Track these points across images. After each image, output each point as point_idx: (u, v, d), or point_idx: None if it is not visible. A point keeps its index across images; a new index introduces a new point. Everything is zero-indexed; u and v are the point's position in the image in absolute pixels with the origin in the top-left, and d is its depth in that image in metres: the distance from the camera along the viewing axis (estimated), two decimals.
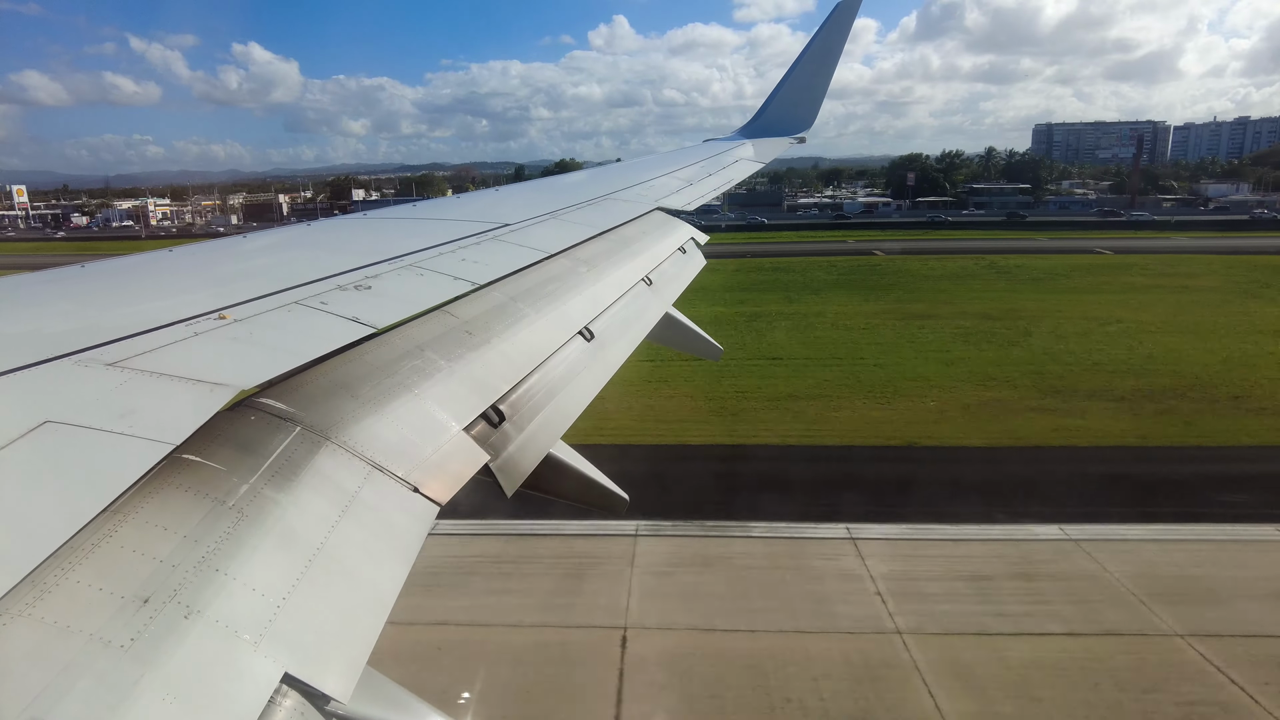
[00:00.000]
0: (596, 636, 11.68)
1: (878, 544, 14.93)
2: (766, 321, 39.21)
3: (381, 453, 2.10)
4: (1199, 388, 26.60)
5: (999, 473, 20.10)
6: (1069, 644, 11.77)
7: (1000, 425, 23.49)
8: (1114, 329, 36.00)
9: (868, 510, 16.57)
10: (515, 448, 2.64)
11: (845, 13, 11.89)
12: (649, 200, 6.48)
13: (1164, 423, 23.63)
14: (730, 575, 13.87)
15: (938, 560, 14.50)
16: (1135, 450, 21.65)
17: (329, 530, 1.75)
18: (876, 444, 22.23)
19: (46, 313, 2.70)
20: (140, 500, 1.54)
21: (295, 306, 2.68)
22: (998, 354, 31.94)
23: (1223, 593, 13.16)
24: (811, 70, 12.19)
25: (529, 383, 2.94)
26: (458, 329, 2.96)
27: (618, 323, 3.90)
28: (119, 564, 1.40)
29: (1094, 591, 13.26)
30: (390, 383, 2.43)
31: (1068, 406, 24.98)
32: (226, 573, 1.49)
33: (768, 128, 12.23)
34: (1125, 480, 19.35)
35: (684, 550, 14.75)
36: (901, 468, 20.75)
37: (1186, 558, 14.45)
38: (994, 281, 51.89)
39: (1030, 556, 14.51)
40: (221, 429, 1.84)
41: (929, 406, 25.32)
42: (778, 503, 17.30)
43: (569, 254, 4.31)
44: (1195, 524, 15.84)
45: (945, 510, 16.71)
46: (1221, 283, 49.36)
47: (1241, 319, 37.62)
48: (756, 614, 12.50)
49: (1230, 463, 20.63)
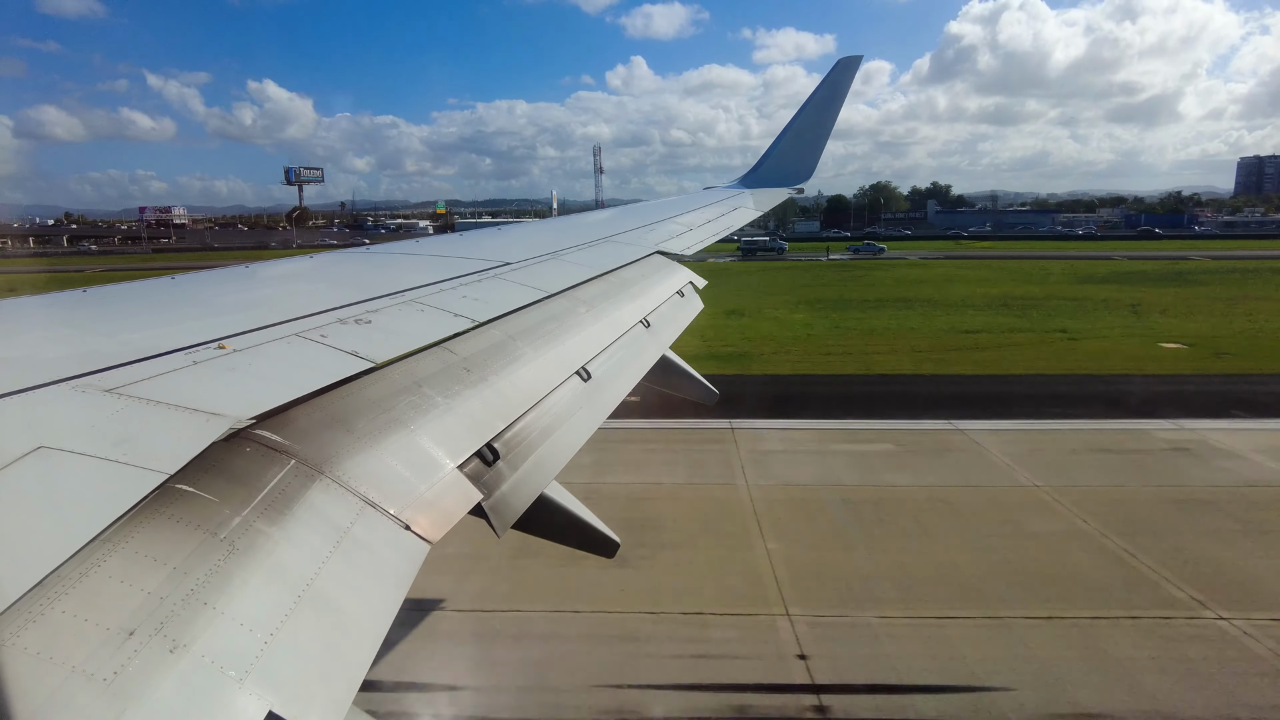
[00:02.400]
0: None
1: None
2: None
3: (375, 488, 2.09)
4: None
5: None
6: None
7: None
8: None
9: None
10: (508, 487, 2.62)
11: (846, 69, 12.20)
12: (649, 244, 6.56)
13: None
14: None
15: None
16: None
17: (319, 566, 1.74)
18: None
19: (47, 337, 2.70)
20: (131, 530, 1.53)
21: (295, 338, 2.69)
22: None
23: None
24: (812, 124, 12.45)
25: (525, 421, 2.93)
26: (456, 365, 2.96)
27: (615, 364, 3.92)
28: (106, 595, 1.38)
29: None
30: (386, 418, 2.42)
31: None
32: (215, 606, 1.47)
33: (768, 178, 12.44)
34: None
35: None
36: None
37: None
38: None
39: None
40: (216, 459, 1.83)
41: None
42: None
43: (569, 294, 4.35)
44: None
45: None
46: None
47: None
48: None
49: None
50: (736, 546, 12.61)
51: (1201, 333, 33.57)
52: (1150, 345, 31.08)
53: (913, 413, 20.62)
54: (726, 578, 11.54)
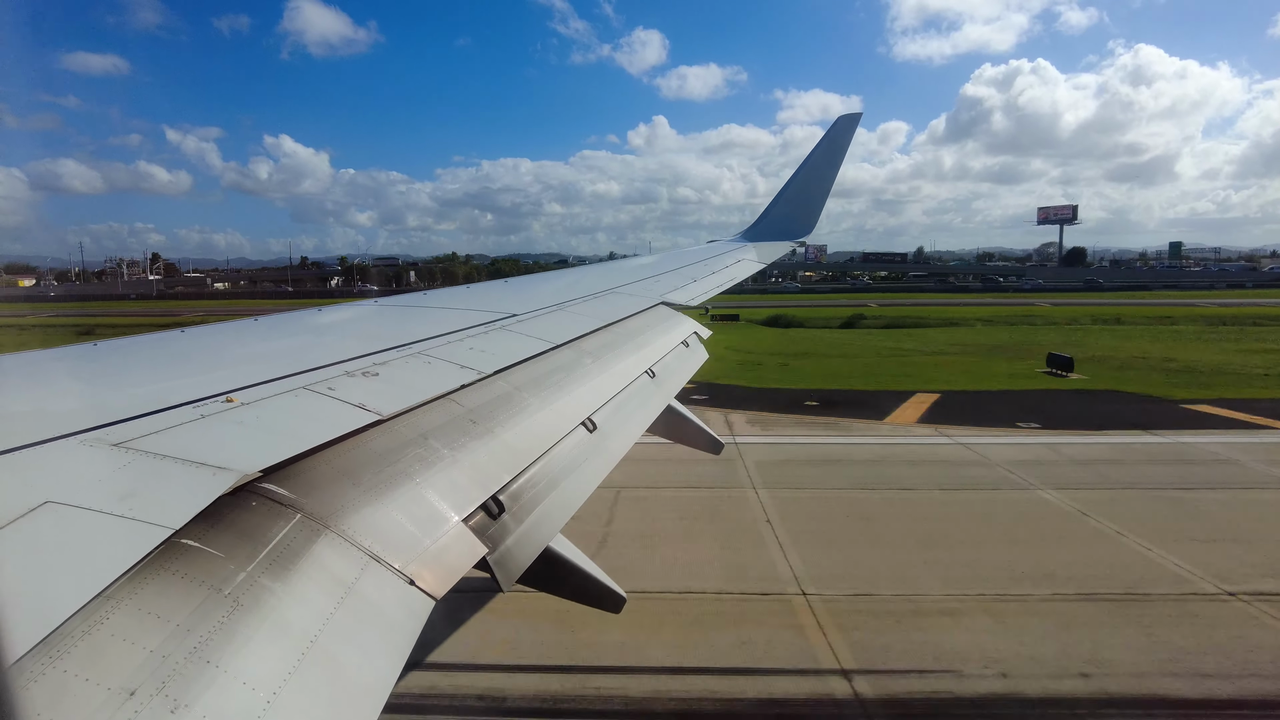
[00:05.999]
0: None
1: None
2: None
3: (380, 543, 2.07)
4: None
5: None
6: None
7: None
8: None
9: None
10: (514, 540, 2.60)
11: (846, 126, 12.49)
12: (654, 295, 6.63)
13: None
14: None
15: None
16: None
17: (324, 622, 1.71)
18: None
19: (56, 390, 2.72)
20: (135, 586, 1.51)
21: (303, 391, 2.70)
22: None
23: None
24: (813, 179, 12.69)
25: (530, 473, 2.92)
26: (462, 417, 2.96)
27: (621, 414, 3.92)
28: (108, 653, 1.37)
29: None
30: (392, 471, 2.42)
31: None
32: (218, 664, 1.45)
33: (769, 232, 12.63)
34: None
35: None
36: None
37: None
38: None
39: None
40: (222, 514, 1.82)
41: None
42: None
43: (574, 345, 4.38)
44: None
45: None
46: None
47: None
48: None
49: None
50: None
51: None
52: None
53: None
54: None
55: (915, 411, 25.06)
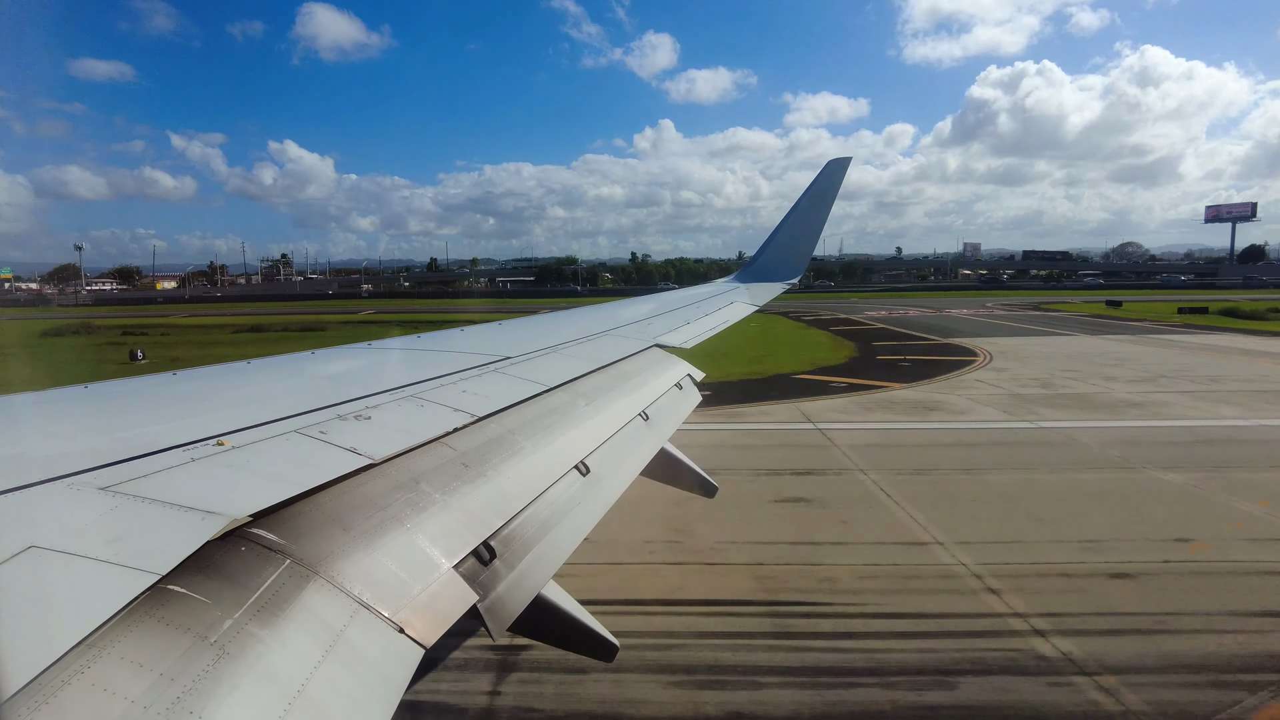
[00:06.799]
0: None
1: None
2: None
3: (370, 589, 2.04)
4: None
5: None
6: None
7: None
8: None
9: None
10: (505, 587, 2.56)
11: (835, 171, 12.72)
12: (648, 337, 6.65)
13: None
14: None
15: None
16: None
17: (312, 671, 1.67)
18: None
19: (43, 433, 2.69)
20: (119, 633, 1.48)
21: (295, 435, 2.68)
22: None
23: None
24: (803, 221, 12.87)
25: (522, 517, 2.89)
26: (454, 461, 2.94)
27: (614, 458, 3.89)
28: (87, 704, 1.33)
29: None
30: (382, 516, 2.39)
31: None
32: (201, 715, 1.41)
33: (763, 273, 12.77)
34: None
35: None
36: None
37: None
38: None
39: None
40: (210, 559, 1.79)
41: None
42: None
43: (568, 387, 4.37)
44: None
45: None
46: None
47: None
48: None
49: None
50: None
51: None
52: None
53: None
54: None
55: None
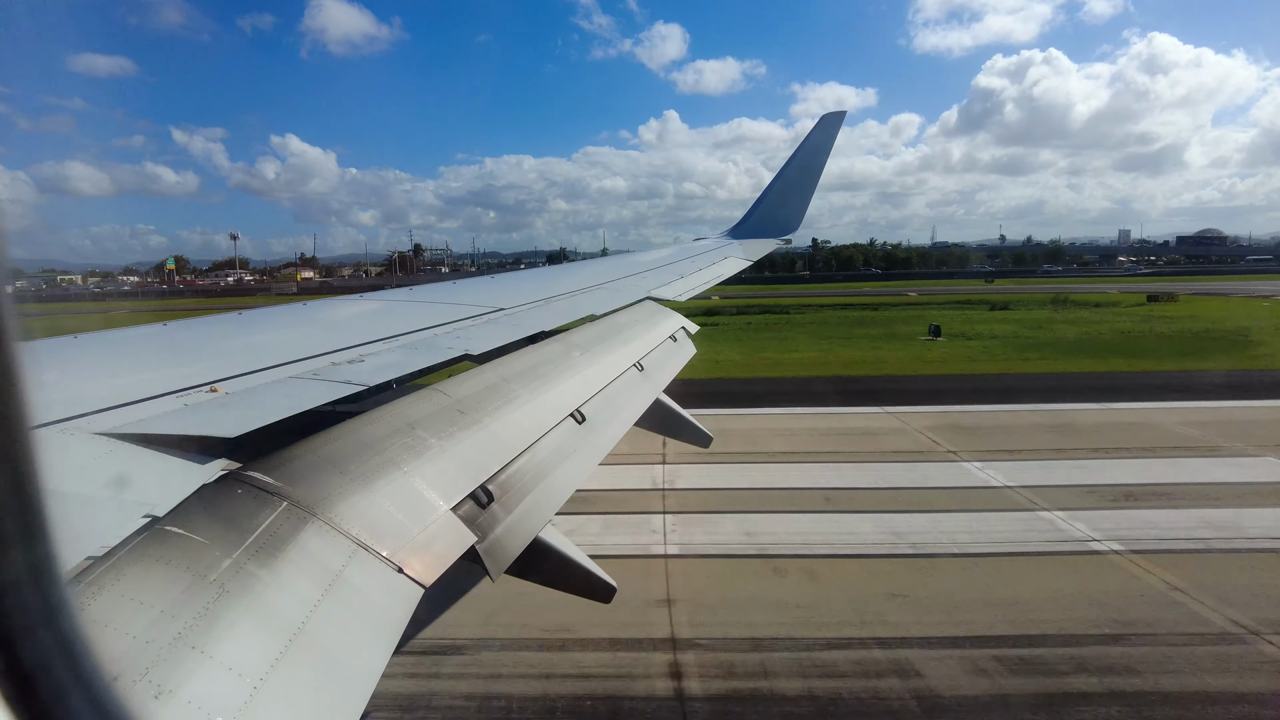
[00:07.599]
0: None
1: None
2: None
3: (367, 531, 2.05)
4: None
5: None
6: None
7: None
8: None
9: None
10: (503, 530, 2.58)
11: (830, 124, 12.54)
12: (641, 290, 6.61)
13: None
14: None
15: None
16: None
17: (311, 610, 1.69)
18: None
19: (35, 382, 2.66)
20: (118, 572, 1.48)
21: (289, 381, 2.67)
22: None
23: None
24: (798, 177, 12.73)
25: (519, 463, 2.90)
26: (450, 407, 2.94)
27: (610, 406, 3.90)
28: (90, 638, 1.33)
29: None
30: (379, 460, 2.39)
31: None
32: (203, 651, 1.42)
33: (756, 229, 12.66)
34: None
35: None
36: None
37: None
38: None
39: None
40: (207, 501, 1.79)
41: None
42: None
43: (562, 338, 4.36)
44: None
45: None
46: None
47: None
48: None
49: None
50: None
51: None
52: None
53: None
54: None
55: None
